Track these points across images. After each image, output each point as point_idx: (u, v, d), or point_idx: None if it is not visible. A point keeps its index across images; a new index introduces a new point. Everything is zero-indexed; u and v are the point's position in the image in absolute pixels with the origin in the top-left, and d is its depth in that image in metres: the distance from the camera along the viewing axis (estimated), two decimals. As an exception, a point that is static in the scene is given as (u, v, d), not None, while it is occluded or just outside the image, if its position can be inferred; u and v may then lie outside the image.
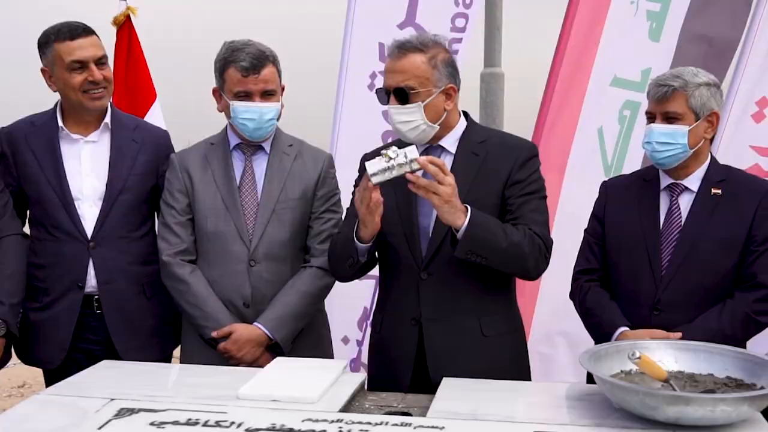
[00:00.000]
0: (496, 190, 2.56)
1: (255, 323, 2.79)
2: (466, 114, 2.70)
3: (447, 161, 2.57)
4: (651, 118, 2.63)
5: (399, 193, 2.56)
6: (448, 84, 2.54)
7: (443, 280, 2.54)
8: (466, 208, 2.38)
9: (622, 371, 2.17)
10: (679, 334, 2.46)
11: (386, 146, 2.45)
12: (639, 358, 2.02)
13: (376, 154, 2.72)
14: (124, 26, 4.29)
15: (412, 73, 2.48)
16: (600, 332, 2.64)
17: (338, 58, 4.09)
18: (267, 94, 2.79)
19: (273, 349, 2.80)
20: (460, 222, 2.36)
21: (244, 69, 2.74)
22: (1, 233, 2.83)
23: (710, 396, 1.90)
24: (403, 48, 2.50)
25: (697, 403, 1.86)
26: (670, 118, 2.58)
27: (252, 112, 2.77)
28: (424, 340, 2.56)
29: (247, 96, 2.77)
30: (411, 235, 2.57)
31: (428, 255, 2.55)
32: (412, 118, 2.49)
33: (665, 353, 2.21)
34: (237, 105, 2.77)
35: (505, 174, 2.56)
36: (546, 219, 2.60)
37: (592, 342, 2.71)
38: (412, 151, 2.30)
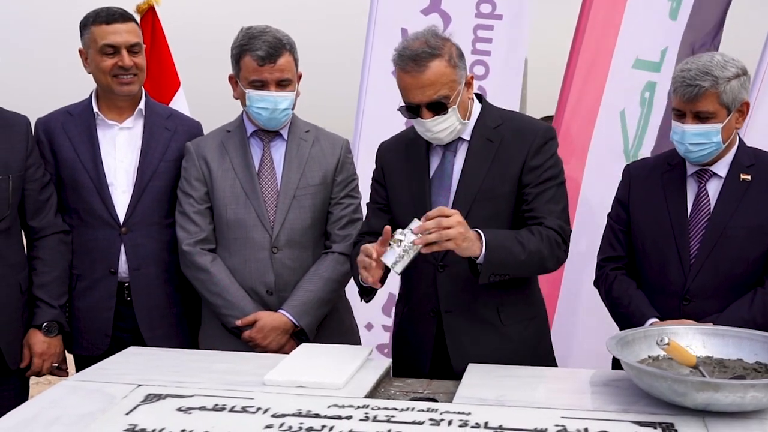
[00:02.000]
0: (510, 177, 2.51)
1: (280, 310, 2.79)
2: (480, 97, 2.63)
3: (462, 149, 2.54)
4: (680, 115, 2.53)
5: (414, 184, 2.56)
6: (467, 75, 2.49)
7: (459, 272, 2.50)
8: (479, 233, 2.30)
9: (649, 357, 2.16)
10: (710, 325, 2.41)
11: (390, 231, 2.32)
12: (668, 343, 2.00)
13: (393, 141, 2.70)
14: (148, 14, 4.29)
15: (441, 83, 2.39)
16: (628, 323, 2.57)
17: (362, 44, 4.07)
18: (282, 84, 2.77)
19: (297, 336, 2.81)
20: (478, 251, 2.29)
21: (260, 58, 2.71)
22: (44, 232, 2.86)
23: (740, 382, 1.88)
24: (419, 59, 2.36)
25: (726, 390, 1.83)
26: (701, 117, 2.49)
27: (267, 102, 2.76)
28: (444, 332, 2.54)
29: (262, 85, 2.75)
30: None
31: None
32: (449, 123, 2.44)
33: (693, 339, 2.20)
34: (252, 94, 2.76)
35: (520, 161, 2.50)
36: (564, 206, 2.55)
37: (616, 328, 2.69)
38: (414, 224, 2.24)
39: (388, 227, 2.33)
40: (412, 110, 2.44)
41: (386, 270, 2.37)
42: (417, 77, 2.38)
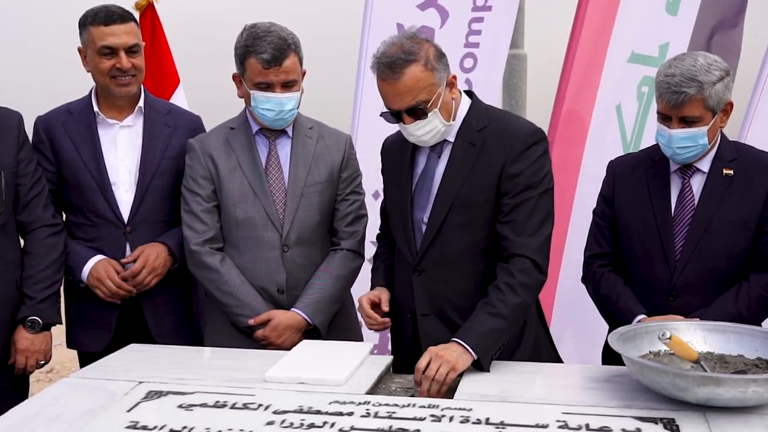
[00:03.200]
0: (488, 185, 2.44)
1: (293, 309, 2.78)
2: (470, 93, 2.59)
3: (446, 151, 2.51)
4: (665, 118, 2.53)
5: (399, 185, 2.55)
6: (448, 75, 2.44)
7: (434, 277, 2.50)
8: (457, 342, 2.25)
9: (650, 352, 2.16)
10: (697, 320, 2.41)
11: None
12: (669, 338, 2.00)
13: (393, 138, 2.69)
14: (147, 11, 4.28)
15: (419, 89, 2.35)
16: (616, 320, 2.59)
17: (358, 40, 4.06)
18: (288, 85, 2.75)
19: (310, 334, 2.80)
20: (470, 359, 2.25)
21: (265, 61, 2.67)
22: (32, 226, 2.82)
23: (742, 377, 1.88)
24: (395, 66, 2.32)
25: (728, 384, 1.84)
26: (687, 121, 2.49)
27: (272, 103, 2.73)
28: (419, 333, 2.53)
29: (267, 86, 2.72)
30: (407, 230, 2.54)
31: (421, 251, 2.51)
32: (431, 126, 2.41)
33: (695, 334, 2.20)
34: (257, 95, 2.73)
35: (497, 168, 2.43)
36: (544, 216, 2.44)
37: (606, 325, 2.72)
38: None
39: (365, 304, 2.57)
40: (393, 115, 2.43)
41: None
42: (393, 84, 2.35)
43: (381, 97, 2.43)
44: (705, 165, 2.60)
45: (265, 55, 2.67)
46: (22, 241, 2.87)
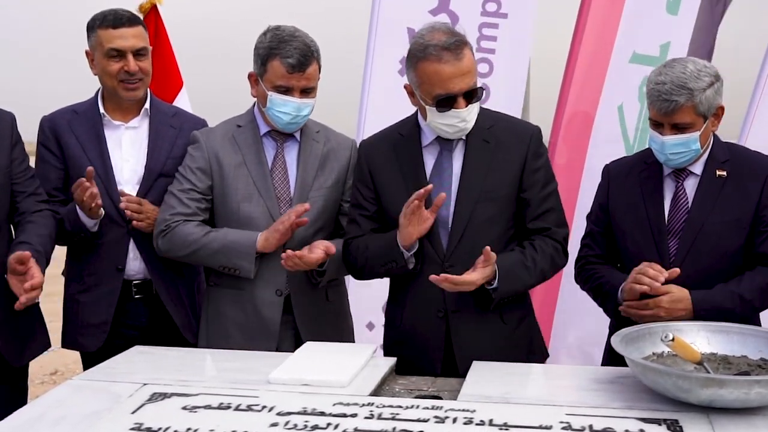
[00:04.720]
0: (510, 179, 2.53)
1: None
2: None
3: (458, 148, 2.55)
4: (657, 125, 2.54)
5: (411, 185, 2.53)
6: None
7: (465, 271, 2.48)
8: (493, 270, 2.41)
9: (654, 354, 2.16)
10: (677, 270, 2.42)
11: None
12: (672, 340, 2.01)
13: (377, 140, 2.70)
14: (150, 14, 4.30)
15: (474, 70, 2.43)
16: (604, 290, 2.65)
17: (362, 40, 4.05)
18: (307, 90, 2.75)
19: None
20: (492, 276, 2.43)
21: (290, 66, 2.68)
22: (23, 218, 2.76)
23: (745, 378, 1.89)
24: (455, 48, 2.38)
25: (731, 386, 1.84)
26: (679, 128, 2.50)
27: (290, 107, 2.73)
28: (450, 331, 2.54)
29: (286, 90, 2.73)
30: (429, 228, 2.52)
31: (450, 247, 2.52)
32: (476, 110, 2.47)
33: (698, 335, 2.20)
34: (276, 98, 2.72)
35: (518, 163, 2.53)
36: (561, 205, 2.66)
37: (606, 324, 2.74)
38: None
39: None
40: (443, 103, 2.42)
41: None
42: (457, 65, 2.39)
43: (431, 85, 2.42)
44: (698, 168, 2.61)
45: (291, 60, 2.68)
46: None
